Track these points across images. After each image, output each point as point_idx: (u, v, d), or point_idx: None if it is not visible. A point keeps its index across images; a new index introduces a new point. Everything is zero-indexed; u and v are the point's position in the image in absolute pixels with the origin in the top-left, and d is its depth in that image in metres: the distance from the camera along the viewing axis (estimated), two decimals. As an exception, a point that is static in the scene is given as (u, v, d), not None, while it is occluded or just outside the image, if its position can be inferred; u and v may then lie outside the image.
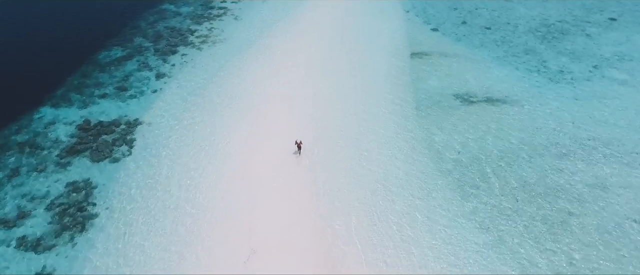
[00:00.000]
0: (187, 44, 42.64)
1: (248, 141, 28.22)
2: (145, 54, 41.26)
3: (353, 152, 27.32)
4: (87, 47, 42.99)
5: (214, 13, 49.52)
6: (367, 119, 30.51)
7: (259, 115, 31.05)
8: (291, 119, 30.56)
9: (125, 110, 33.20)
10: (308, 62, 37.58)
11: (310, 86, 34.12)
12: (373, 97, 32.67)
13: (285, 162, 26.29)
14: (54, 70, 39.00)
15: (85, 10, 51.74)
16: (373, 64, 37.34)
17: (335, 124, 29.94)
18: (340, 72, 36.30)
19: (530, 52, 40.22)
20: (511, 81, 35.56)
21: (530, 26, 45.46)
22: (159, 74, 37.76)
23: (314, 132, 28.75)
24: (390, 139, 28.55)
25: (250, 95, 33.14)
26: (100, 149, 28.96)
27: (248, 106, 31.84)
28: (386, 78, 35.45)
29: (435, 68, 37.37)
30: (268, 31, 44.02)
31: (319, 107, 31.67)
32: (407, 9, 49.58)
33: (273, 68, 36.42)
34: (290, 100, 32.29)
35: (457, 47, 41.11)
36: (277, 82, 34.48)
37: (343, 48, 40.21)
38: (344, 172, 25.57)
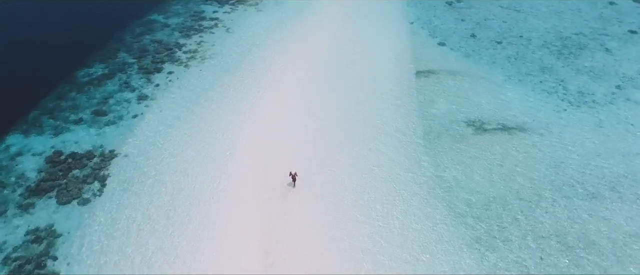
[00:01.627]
0: (174, 61, 39.40)
1: (236, 180, 25.03)
2: (128, 71, 38.04)
3: (351, 192, 24.14)
4: (67, 63, 39.71)
5: (204, 25, 46.28)
6: (369, 149, 27.30)
7: (249, 145, 27.86)
8: (284, 150, 27.39)
9: (101, 139, 29.98)
10: (304, 84, 34.34)
11: (306, 112, 30.90)
12: (376, 125, 29.42)
13: (275, 207, 23.13)
14: (27, 90, 35.76)
15: (69, 19, 48.42)
16: (376, 85, 34.07)
17: (334, 157, 26.74)
18: (339, 93, 33.05)
19: (546, 70, 36.95)
20: (527, 105, 32.30)
21: (544, 40, 42.16)
22: (141, 95, 34.54)
23: (309, 167, 25.55)
24: (395, 176, 25.32)
25: (239, 122, 29.94)
26: (69, 188, 25.76)
27: (237, 136, 28.65)
28: (390, 101, 32.19)
29: (444, 89, 34.12)
30: (262, 45, 40.75)
31: (315, 136, 28.46)
32: (411, 21, 46.28)
33: (265, 89, 33.18)
34: (283, 130, 29.08)
35: (467, 65, 37.85)
36: (270, 107, 31.25)
37: (343, 65, 36.95)
38: (338, 220, 22.41)
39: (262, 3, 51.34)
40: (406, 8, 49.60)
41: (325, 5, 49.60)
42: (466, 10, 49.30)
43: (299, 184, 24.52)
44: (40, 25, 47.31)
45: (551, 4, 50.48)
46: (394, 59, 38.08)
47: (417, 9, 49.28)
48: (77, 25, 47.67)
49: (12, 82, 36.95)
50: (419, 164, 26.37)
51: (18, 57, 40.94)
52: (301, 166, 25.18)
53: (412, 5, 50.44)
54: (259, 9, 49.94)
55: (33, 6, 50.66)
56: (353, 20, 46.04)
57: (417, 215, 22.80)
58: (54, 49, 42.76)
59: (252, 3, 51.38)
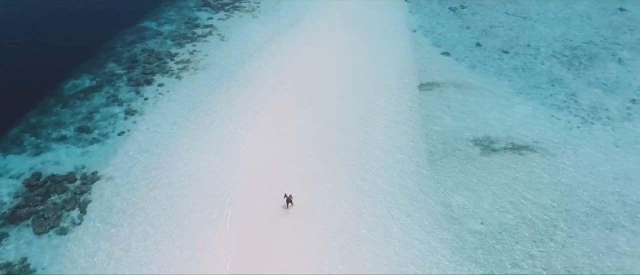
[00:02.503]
0: (165, 72, 37.53)
1: (226, 208, 23.18)
2: (116, 84, 36.18)
3: (347, 221, 22.29)
4: (53, 74, 37.80)
5: (198, 33, 44.40)
6: (369, 173, 25.41)
7: (240, 168, 26.01)
8: (279, 170, 25.55)
9: (84, 159, 28.15)
10: (300, 97, 32.46)
11: (301, 129, 29.03)
12: (377, 144, 27.53)
13: (266, 241, 21.27)
14: (10, 104, 33.94)
15: (57, 26, 46.53)
16: (377, 100, 32.18)
17: (330, 180, 24.89)
18: (338, 109, 31.16)
19: (556, 83, 35.06)
20: (538, 121, 30.43)
21: (553, 49, 40.26)
22: (129, 110, 32.69)
23: (303, 193, 23.70)
24: (398, 203, 23.46)
25: (229, 142, 28.07)
26: (46, 215, 23.92)
27: (227, 157, 26.79)
28: (392, 117, 30.30)
29: (449, 103, 32.25)
30: (257, 56, 38.85)
31: (312, 157, 26.61)
32: (413, 28, 44.39)
33: (259, 103, 31.26)
34: (276, 149, 27.23)
35: (473, 76, 35.97)
36: (262, 125, 29.37)
37: (342, 78, 35.05)
38: (333, 251, 20.57)
39: (258, 9, 49.48)
40: (408, 15, 47.71)
41: (324, 12, 47.73)
42: (471, 17, 47.41)
43: (292, 212, 22.72)
44: (26, 33, 45.51)
45: (559, 10, 48.60)
46: (396, 71, 36.17)
47: (420, 16, 47.41)
48: (66, 33, 45.80)
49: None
50: (422, 189, 24.49)
51: (0, 68, 39.21)
52: (295, 191, 23.35)
53: (415, 11, 48.56)
54: (255, 15, 48.07)
55: (19, 12, 48.86)
56: (353, 28, 44.13)
57: (421, 250, 20.93)
58: (40, 58, 40.87)
59: (248, 9, 49.52)
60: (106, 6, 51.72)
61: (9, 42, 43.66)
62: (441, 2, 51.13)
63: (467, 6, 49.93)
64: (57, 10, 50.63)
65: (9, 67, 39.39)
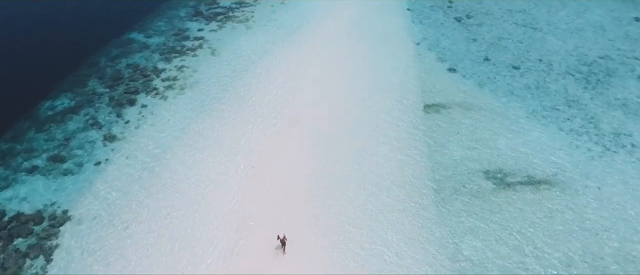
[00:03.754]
0: (150, 90, 34.81)
1: (204, 257, 20.51)
2: (96, 104, 33.47)
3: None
4: (31, 93, 35.10)
5: (187, 46, 41.68)
6: (370, 216, 22.71)
7: (227, 207, 23.34)
8: (270, 212, 22.89)
9: (55, 194, 25.44)
10: (293, 125, 29.73)
11: (296, 162, 26.33)
12: (378, 181, 24.81)
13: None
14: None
15: (39, 40, 43.86)
16: (378, 125, 29.45)
17: (327, 226, 22.21)
18: (336, 138, 28.43)
19: (573, 104, 32.33)
20: (555, 150, 27.70)
21: (567, 65, 37.53)
22: (108, 135, 29.99)
23: (297, 238, 21.02)
24: (401, 253, 20.78)
25: (213, 178, 25.38)
26: (6, 266, 21.25)
27: (210, 196, 24.11)
28: (395, 146, 27.57)
29: (457, 128, 29.54)
30: (249, 73, 36.12)
31: (307, 197, 23.93)
32: (417, 41, 41.65)
33: (247, 134, 28.51)
34: (267, 183, 24.54)
35: (481, 96, 33.23)
36: (250, 158, 26.61)
37: (339, 101, 32.31)
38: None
39: (252, 19, 46.79)
40: (411, 25, 44.99)
41: (321, 22, 45.02)
42: (477, 27, 44.68)
43: (284, 258, 20.06)
44: (2, 45, 42.78)
45: (570, 20, 45.86)
46: (399, 91, 33.41)
47: (424, 27, 44.67)
48: (48, 46, 42.96)
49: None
50: (430, 236, 21.76)
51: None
52: (288, 235, 20.67)
53: (418, 22, 45.83)
54: (248, 26, 45.36)
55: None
56: (352, 41, 41.40)
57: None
58: (17, 75, 38.01)
59: (241, 19, 46.81)
60: (93, 16, 49.03)
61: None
62: (446, 12, 48.42)
63: (473, 16, 47.20)
64: (39, 20, 47.93)
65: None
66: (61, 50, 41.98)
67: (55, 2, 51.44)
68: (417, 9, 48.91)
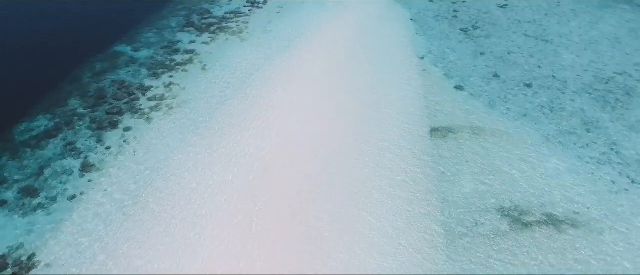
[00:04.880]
0: (134, 111, 32.33)
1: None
2: (76, 127, 31.00)
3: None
4: (7, 113, 32.57)
5: (177, 60, 39.20)
6: (372, 267, 20.27)
7: (212, 250, 20.87)
8: (258, 254, 20.42)
9: (23, 234, 22.91)
10: (287, 146, 27.29)
11: (290, 201, 23.84)
12: (382, 223, 22.32)
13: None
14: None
15: (19, 54, 41.32)
16: (380, 151, 26.95)
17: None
18: (334, 170, 25.92)
19: (591, 127, 29.82)
20: (576, 182, 25.20)
21: (583, 82, 35.01)
22: (86, 164, 27.50)
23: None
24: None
25: (202, 214, 22.92)
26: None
27: (199, 237, 21.64)
28: (401, 179, 25.03)
29: (467, 156, 27.03)
30: (241, 91, 33.62)
31: (301, 248, 21.44)
32: (421, 55, 39.14)
33: (233, 174, 25.93)
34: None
35: (492, 118, 30.73)
36: (233, 205, 24.06)
37: (336, 123, 29.81)
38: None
39: (246, 30, 44.34)
40: (415, 37, 42.51)
41: (320, 34, 42.56)
42: (485, 40, 42.19)
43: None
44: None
45: (583, 32, 43.38)
46: (402, 112, 30.90)
47: (428, 39, 42.20)
48: (29, 59, 40.54)
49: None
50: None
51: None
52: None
53: (422, 33, 43.36)
54: (243, 37, 42.90)
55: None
56: (352, 55, 38.92)
57: None
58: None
59: (235, 30, 44.36)
60: (78, 27, 46.57)
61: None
62: (451, 22, 45.95)
63: (480, 27, 44.72)
64: (19, 30, 45.48)
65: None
66: (42, 64, 39.49)
67: (36, 10, 49.10)
68: (421, 19, 46.45)
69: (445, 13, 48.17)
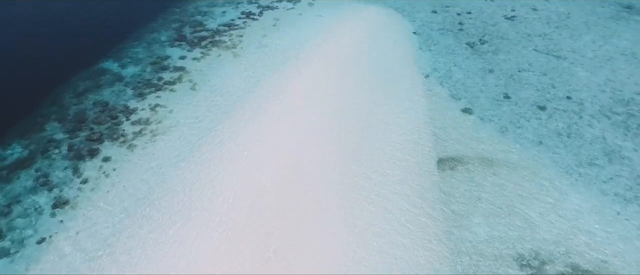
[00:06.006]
0: (116, 138, 29.84)
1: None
2: (52, 155, 28.51)
3: None
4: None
5: (165, 78, 36.73)
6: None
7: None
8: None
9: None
10: (277, 184, 24.77)
11: (283, 246, 21.31)
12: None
13: None
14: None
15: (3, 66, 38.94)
16: (381, 190, 24.42)
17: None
18: (331, 211, 23.41)
19: (614, 157, 27.30)
20: (601, 224, 22.65)
21: (601, 104, 32.51)
22: (59, 200, 24.99)
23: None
24: None
25: (186, 262, 20.40)
26: None
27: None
28: (406, 219, 22.51)
29: (478, 193, 24.50)
30: (231, 114, 31.13)
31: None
32: (426, 73, 36.65)
33: (220, 214, 23.50)
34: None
35: (505, 146, 28.21)
36: (221, 254, 21.59)
37: (335, 155, 27.27)
38: None
39: (240, 45, 41.89)
40: (419, 53, 40.04)
41: (318, 49, 40.06)
42: (493, 56, 39.71)
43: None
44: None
45: (597, 47, 40.89)
46: (407, 140, 28.36)
47: (432, 55, 39.72)
48: (7, 76, 38.14)
49: None
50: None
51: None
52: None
53: (426, 48, 40.90)
54: (236, 53, 40.44)
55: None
56: (351, 74, 36.40)
57: None
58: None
59: (229, 45, 41.92)
60: (63, 40, 44.11)
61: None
62: (457, 35, 43.50)
63: (487, 41, 42.25)
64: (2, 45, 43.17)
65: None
66: (21, 82, 36.97)
67: (18, 19, 46.72)
68: (425, 32, 44.01)
69: (450, 25, 45.74)
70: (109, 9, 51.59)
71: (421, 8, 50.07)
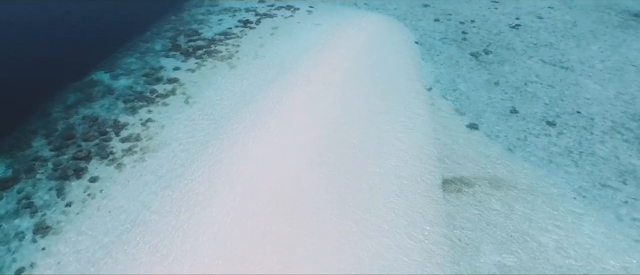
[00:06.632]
0: (104, 156, 28.42)
1: None
2: (37, 175, 27.09)
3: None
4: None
5: (158, 90, 35.36)
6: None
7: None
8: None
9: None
10: (274, 205, 23.33)
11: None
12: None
13: None
14: None
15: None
16: (381, 221, 22.98)
17: None
18: (323, 246, 21.99)
19: (628, 177, 25.86)
20: (619, 252, 21.21)
21: (612, 119, 31.12)
22: (40, 226, 23.51)
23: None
24: None
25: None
26: None
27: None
28: (406, 250, 21.13)
29: (487, 218, 23.07)
30: (225, 130, 29.73)
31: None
32: (429, 85, 35.28)
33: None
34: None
35: (513, 166, 26.79)
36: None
37: (334, 180, 25.83)
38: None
39: (236, 55, 40.56)
40: (421, 64, 38.69)
41: (315, 61, 38.66)
42: (498, 67, 38.36)
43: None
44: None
45: (606, 57, 39.56)
46: (410, 159, 26.93)
47: (435, 66, 38.36)
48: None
49: None
50: None
51: None
52: None
53: (428, 59, 39.55)
54: (232, 64, 39.09)
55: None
56: (350, 86, 35.02)
57: None
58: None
59: (225, 55, 40.58)
60: (54, 49, 42.76)
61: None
62: (460, 45, 42.18)
63: (492, 51, 40.92)
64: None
65: None
66: (9, 94, 35.58)
67: (8, 28, 45.38)
68: (427, 42, 42.69)
69: (453, 34, 44.43)
70: (102, 16, 50.36)
71: (423, 16, 48.79)
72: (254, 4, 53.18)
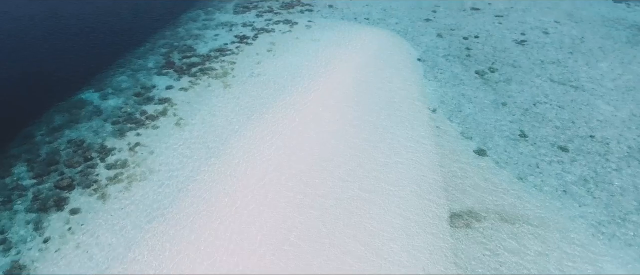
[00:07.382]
0: (87, 185, 26.60)
1: None
2: (15, 206, 25.25)
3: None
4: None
5: (149, 111, 33.67)
6: None
7: None
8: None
9: None
10: (260, 253, 21.49)
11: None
12: None
13: None
14: None
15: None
16: (382, 260, 21.13)
17: None
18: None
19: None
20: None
21: (628, 144, 29.36)
22: (15, 265, 21.49)
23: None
24: None
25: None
26: None
27: None
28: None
29: (498, 257, 21.17)
30: (217, 157, 27.98)
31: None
32: (433, 106, 33.57)
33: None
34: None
35: (524, 197, 24.96)
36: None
37: (330, 214, 23.99)
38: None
39: (232, 73, 38.94)
40: (424, 83, 37.02)
41: (314, 79, 36.94)
42: (504, 86, 36.69)
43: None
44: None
45: (616, 75, 37.91)
46: (414, 190, 25.11)
47: (439, 85, 36.68)
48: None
49: None
50: None
51: None
52: None
53: (432, 77, 37.90)
54: (227, 83, 37.47)
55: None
56: (349, 108, 33.28)
57: None
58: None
59: (219, 73, 38.97)
60: (42, 66, 41.11)
61: None
62: (464, 62, 40.57)
63: (498, 69, 39.29)
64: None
65: None
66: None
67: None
68: (430, 59, 41.09)
69: (457, 51, 42.85)
70: (94, 31, 48.88)
71: (425, 31, 47.29)
72: (252, 18, 51.76)
